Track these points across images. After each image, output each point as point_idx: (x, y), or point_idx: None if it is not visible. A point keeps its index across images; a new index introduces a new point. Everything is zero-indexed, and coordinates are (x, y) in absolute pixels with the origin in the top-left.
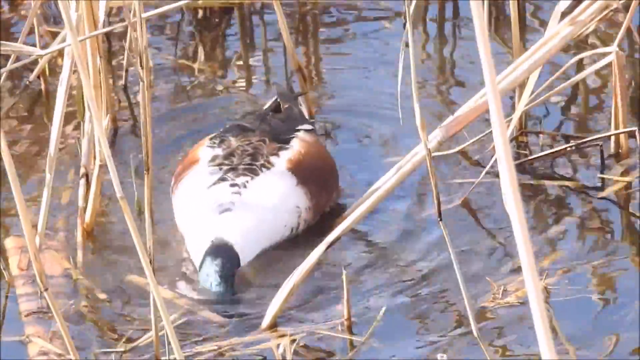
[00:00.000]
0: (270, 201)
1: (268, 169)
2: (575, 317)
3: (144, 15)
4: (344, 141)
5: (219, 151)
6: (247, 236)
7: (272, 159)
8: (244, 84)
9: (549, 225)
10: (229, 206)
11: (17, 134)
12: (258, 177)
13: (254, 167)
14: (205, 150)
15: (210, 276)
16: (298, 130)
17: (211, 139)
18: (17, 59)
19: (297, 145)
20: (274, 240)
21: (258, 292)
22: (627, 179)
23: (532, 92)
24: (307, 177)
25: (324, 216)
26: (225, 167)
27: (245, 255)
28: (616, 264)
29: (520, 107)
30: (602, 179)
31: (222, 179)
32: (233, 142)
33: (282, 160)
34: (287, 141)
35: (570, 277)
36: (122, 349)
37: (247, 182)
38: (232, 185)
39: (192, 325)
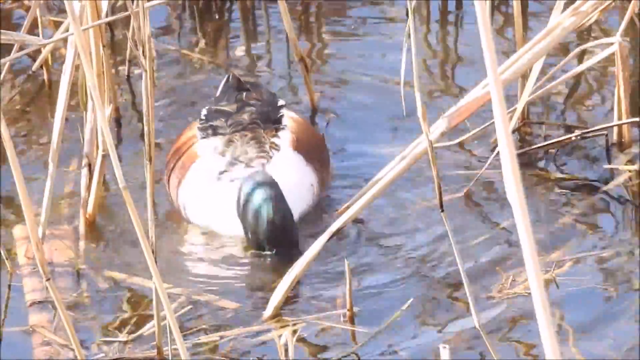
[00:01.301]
0: (291, 180)
1: (277, 150)
2: (584, 308)
3: (147, 4)
4: (345, 131)
5: (217, 141)
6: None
7: (275, 140)
8: (246, 74)
9: (557, 217)
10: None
11: (19, 124)
12: (272, 160)
13: (264, 151)
14: (201, 143)
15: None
16: (281, 107)
17: (202, 129)
18: (20, 49)
19: (289, 123)
20: (297, 217)
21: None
22: (634, 167)
23: (535, 83)
24: (309, 154)
25: (325, 206)
26: (228, 154)
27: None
28: (624, 254)
29: (523, 98)
30: (609, 169)
31: (232, 164)
32: (225, 128)
33: (284, 140)
34: (278, 120)
35: (578, 268)
36: (125, 339)
37: (264, 164)
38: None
39: (194, 315)
